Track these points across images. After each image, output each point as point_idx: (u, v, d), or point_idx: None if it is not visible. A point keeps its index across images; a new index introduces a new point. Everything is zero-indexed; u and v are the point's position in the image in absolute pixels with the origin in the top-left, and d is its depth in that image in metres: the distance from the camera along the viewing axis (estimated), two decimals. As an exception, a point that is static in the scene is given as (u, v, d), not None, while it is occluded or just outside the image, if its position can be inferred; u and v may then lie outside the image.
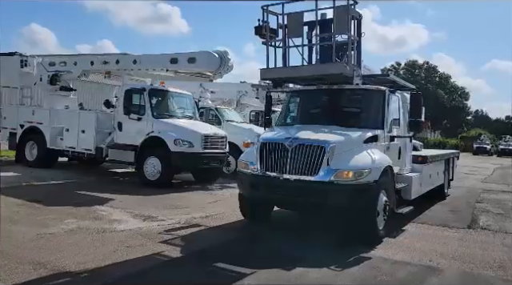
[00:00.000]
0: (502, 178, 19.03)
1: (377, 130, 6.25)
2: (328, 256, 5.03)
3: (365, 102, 6.87)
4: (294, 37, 6.69)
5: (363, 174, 5.46)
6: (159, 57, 10.73)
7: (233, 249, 5.44)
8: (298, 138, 5.68)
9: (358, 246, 5.38)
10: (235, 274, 4.35)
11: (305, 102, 7.27)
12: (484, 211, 8.69)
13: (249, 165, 6.04)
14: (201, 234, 6.01)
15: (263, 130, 8.69)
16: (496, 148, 53.17)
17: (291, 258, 4.86)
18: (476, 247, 5.66)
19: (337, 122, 6.30)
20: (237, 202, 6.78)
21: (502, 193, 12.53)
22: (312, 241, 5.75)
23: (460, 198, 10.63)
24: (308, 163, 5.50)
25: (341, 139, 5.73)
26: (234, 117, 14.06)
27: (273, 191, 5.74)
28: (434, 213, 8.24)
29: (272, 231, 6.41)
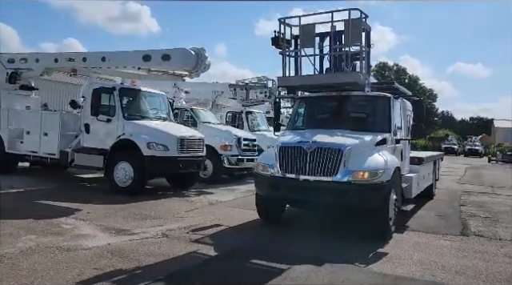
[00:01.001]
0: (475, 178, 19.28)
1: (385, 134, 6.67)
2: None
3: (372, 107, 7.32)
4: (306, 47, 7.24)
5: (378, 174, 5.83)
6: (131, 54, 9.97)
7: (222, 267, 4.86)
8: (316, 141, 6.01)
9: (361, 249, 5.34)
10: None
11: (315, 107, 7.73)
12: (471, 216, 8.47)
13: (267, 167, 6.34)
14: (179, 250, 5.37)
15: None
16: (463, 148, 54.91)
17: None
18: (476, 258, 5.32)
19: (346, 126, 6.68)
20: (216, 210, 7.33)
21: (481, 195, 12.49)
22: (325, 240, 6.03)
23: (443, 202, 10.44)
24: (326, 165, 5.86)
25: (356, 142, 6.11)
26: (210, 118, 13.44)
27: (293, 192, 6.09)
28: (422, 218, 7.93)
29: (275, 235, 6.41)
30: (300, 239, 6.10)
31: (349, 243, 5.93)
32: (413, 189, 7.49)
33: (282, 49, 7.20)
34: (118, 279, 4.21)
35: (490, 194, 12.90)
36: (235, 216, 7.55)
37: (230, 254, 5.33)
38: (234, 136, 12.29)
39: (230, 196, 9.94)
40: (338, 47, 7.11)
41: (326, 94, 7.56)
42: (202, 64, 9.28)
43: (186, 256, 5.10)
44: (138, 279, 4.23)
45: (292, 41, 7.30)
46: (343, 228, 6.96)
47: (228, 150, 12.06)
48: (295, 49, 7.37)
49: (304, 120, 7.68)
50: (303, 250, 5.49)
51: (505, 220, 8.11)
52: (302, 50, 7.32)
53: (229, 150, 12.08)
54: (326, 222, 7.10)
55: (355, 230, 6.49)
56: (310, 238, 6.10)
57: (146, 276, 4.32)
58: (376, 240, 5.88)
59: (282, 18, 7.16)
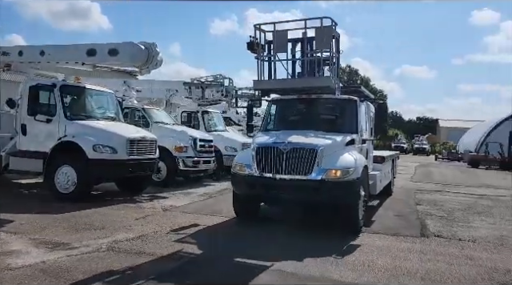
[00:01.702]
0: (425, 176, 19.94)
1: (353, 135, 7.17)
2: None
3: (341, 109, 7.72)
4: (279, 52, 7.58)
5: (349, 172, 6.22)
6: (73, 48, 9.08)
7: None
8: (291, 142, 6.32)
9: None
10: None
11: (287, 109, 8.07)
12: (428, 215, 8.51)
13: (245, 167, 6.60)
14: (126, 265, 4.79)
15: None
16: (411, 147, 57.41)
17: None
18: (440, 262, 5.19)
19: (317, 127, 7.07)
20: (170, 216, 7.09)
21: (433, 193, 12.80)
22: (300, 236, 6.31)
23: (400, 201, 10.51)
24: (301, 164, 6.20)
25: (328, 142, 6.49)
26: (163, 118, 12.75)
27: (270, 190, 6.36)
28: (382, 219, 7.84)
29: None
30: (275, 237, 6.30)
31: (322, 239, 6.23)
32: (377, 186, 8.02)
33: (257, 53, 7.46)
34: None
35: (441, 191, 13.26)
36: (192, 223, 7.03)
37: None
38: (189, 137, 11.72)
39: (185, 200, 9.38)
40: (310, 53, 7.48)
41: (297, 97, 7.82)
42: (153, 60, 8.65)
43: (134, 273, 4.54)
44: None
45: (266, 46, 7.59)
46: (316, 224, 7.38)
47: (183, 152, 11.47)
48: (268, 54, 7.65)
49: (276, 121, 7.95)
50: (280, 247, 5.69)
51: (460, 219, 8.21)
52: (276, 55, 7.66)
53: (184, 151, 11.49)
54: (299, 218, 7.56)
55: (327, 225, 7.07)
56: (283, 235, 6.36)
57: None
58: (348, 234, 6.33)
59: (258, 24, 7.45)
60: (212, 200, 9.62)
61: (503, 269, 4.91)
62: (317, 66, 7.38)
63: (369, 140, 8.07)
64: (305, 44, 7.44)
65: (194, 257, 5.21)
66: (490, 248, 5.92)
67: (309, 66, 7.43)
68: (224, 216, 7.70)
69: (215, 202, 9.26)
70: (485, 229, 7.29)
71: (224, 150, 14.23)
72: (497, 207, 9.98)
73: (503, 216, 8.69)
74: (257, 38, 7.37)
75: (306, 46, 7.44)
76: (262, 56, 7.53)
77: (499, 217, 8.58)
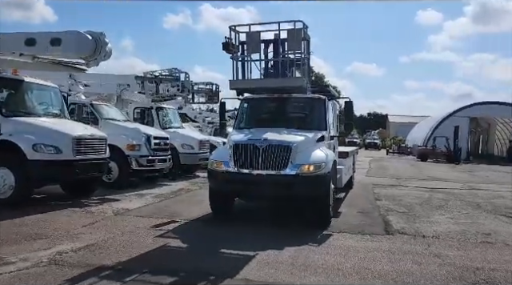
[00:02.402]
0: (380, 170, 20.44)
1: (323, 132, 7.54)
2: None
3: (311, 108, 8.08)
4: (252, 53, 7.86)
5: (321, 167, 6.59)
6: (8, 36, 8.14)
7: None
8: (267, 139, 6.59)
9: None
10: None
11: (260, 108, 8.36)
12: (389, 210, 8.51)
13: (222, 164, 6.78)
14: (71, 282, 4.20)
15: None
16: (363, 142, 59.27)
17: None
18: (409, 261, 5.05)
19: (289, 125, 7.37)
20: (123, 221, 6.64)
21: (390, 187, 13.02)
22: (275, 228, 6.73)
23: (360, 196, 10.53)
24: (277, 160, 6.48)
25: (302, 139, 6.80)
26: (114, 115, 11.91)
27: (247, 185, 6.58)
28: (346, 217, 7.69)
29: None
30: (252, 230, 6.61)
31: (296, 230, 6.66)
32: (342, 179, 8.55)
33: (232, 54, 7.67)
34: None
35: (397, 186, 13.54)
36: (147, 228, 6.47)
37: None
38: (142, 134, 11.01)
39: (139, 203, 8.74)
40: (282, 54, 7.77)
41: (269, 96, 8.06)
42: (102, 51, 7.93)
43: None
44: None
45: (239, 46, 7.80)
46: (288, 217, 7.75)
47: (136, 151, 10.76)
48: (242, 54, 7.89)
49: (249, 119, 8.13)
50: (259, 238, 5.94)
51: (420, 214, 8.26)
52: (250, 56, 7.95)
53: (137, 150, 10.78)
54: (272, 212, 8.13)
55: (300, 217, 7.39)
56: (260, 227, 6.76)
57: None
58: (320, 225, 6.73)
59: (233, 25, 7.66)
60: (168, 202, 9.05)
61: (472, 267, 4.84)
62: (288, 66, 7.76)
63: (336, 137, 8.63)
64: (277, 45, 7.73)
65: (153, 269, 4.70)
66: (454, 245, 5.90)
67: (281, 66, 7.75)
68: (184, 219, 7.20)
69: (172, 204, 8.71)
70: (445, 223, 7.35)
71: (180, 147, 13.62)
72: (451, 201, 10.23)
73: (459, 210, 8.88)
74: (232, 39, 7.55)
75: (278, 47, 7.74)
76: (237, 56, 7.77)
77: (456, 211, 8.75)
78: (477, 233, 6.66)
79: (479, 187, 13.78)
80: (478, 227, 7.09)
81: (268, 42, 7.87)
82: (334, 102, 8.93)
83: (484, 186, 14.03)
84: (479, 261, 5.15)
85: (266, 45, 7.88)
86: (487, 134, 46.75)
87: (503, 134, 42.16)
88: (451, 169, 24.06)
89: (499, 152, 43.44)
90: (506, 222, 7.73)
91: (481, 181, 16.50)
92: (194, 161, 14.01)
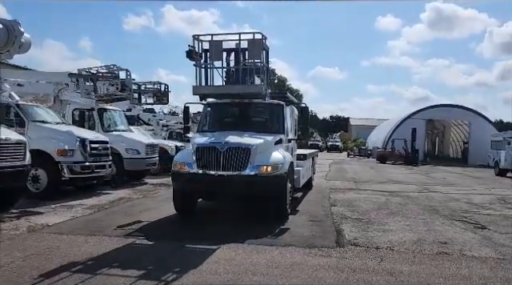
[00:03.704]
0: (339, 173, 20.15)
1: (281, 135, 7.97)
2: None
3: (270, 113, 8.57)
4: (215, 60, 8.28)
5: (278, 168, 7.00)
6: None
7: None
8: (228, 142, 6.94)
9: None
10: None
11: (222, 112, 8.80)
12: (343, 218, 7.93)
13: (185, 165, 7.07)
14: None
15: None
16: (325, 144, 59.69)
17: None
18: (358, 282, 4.40)
19: (249, 128, 7.77)
20: (34, 241, 5.74)
21: (347, 191, 12.56)
22: (236, 224, 7.18)
23: (314, 202, 9.94)
24: (237, 162, 6.85)
25: (260, 142, 7.17)
26: (46, 117, 10.66)
27: (209, 186, 6.89)
28: (297, 227, 7.01)
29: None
30: (215, 226, 7.06)
31: (254, 225, 7.05)
32: (300, 180, 9.08)
33: (195, 61, 8.03)
34: None
35: (355, 189, 13.12)
36: (59, 249, 5.46)
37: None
38: (76, 138, 9.86)
39: (64, 216, 7.65)
40: (243, 62, 8.17)
41: (231, 101, 8.45)
42: (16, 42, 6.77)
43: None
44: None
45: (203, 54, 8.13)
46: (246, 214, 8.25)
47: (68, 156, 9.60)
48: (205, 62, 8.22)
49: (212, 123, 8.52)
50: (221, 233, 6.34)
51: (375, 220, 7.75)
52: (212, 63, 8.29)
53: (69, 155, 9.62)
54: (233, 210, 8.51)
55: (258, 214, 7.81)
56: (222, 223, 7.19)
57: None
58: (277, 221, 7.14)
59: (196, 35, 8.02)
60: (100, 214, 8.02)
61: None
62: (249, 74, 8.16)
63: (293, 140, 9.07)
64: (238, 54, 8.15)
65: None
66: (409, 257, 5.33)
67: (241, 74, 8.14)
68: (108, 235, 6.22)
69: (103, 217, 7.69)
70: (401, 232, 6.83)
71: (125, 152, 12.54)
72: (408, 205, 9.86)
73: (416, 215, 8.46)
74: (195, 47, 7.91)
75: (239, 55, 8.15)
76: (200, 64, 8.12)
77: (412, 216, 8.31)
78: (433, 242, 6.16)
79: (435, 189, 13.63)
80: (435, 235, 6.62)
81: (230, 51, 8.28)
82: (293, 108, 9.40)
83: (440, 189, 13.91)
84: (436, 277, 4.59)
85: (227, 53, 8.30)
86: (443, 136, 48.32)
87: (458, 136, 43.63)
88: (409, 171, 24.26)
89: (454, 153, 44.94)
90: (461, 228, 7.34)
91: (437, 183, 16.49)
92: (140, 166, 12.97)
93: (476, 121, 36.33)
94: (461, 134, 42.22)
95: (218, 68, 8.33)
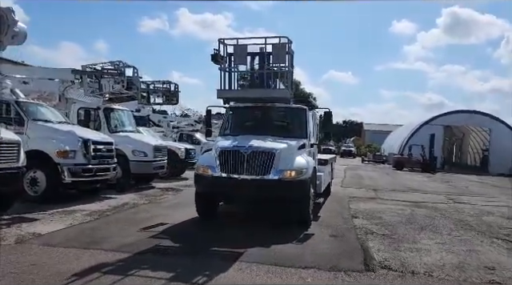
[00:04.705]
0: (355, 180, 19.21)
1: (304, 140, 7.89)
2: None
3: (293, 117, 8.52)
4: (239, 64, 8.39)
5: (302, 173, 6.96)
6: None
7: None
8: (252, 146, 6.91)
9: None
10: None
11: (245, 116, 8.79)
12: (368, 233, 7.08)
13: (209, 169, 7.07)
14: None
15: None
16: (338, 149, 58.53)
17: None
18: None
19: (272, 133, 7.69)
20: (20, 254, 5.10)
21: (368, 201, 11.68)
22: (260, 228, 7.16)
23: (334, 213, 9.10)
24: (260, 166, 6.78)
25: (284, 146, 7.10)
26: (49, 115, 10.03)
27: (232, 189, 6.86)
28: (317, 244, 6.20)
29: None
30: (237, 230, 6.97)
31: (278, 230, 7.02)
32: (322, 185, 8.87)
33: (220, 65, 8.08)
34: None
35: (375, 199, 12.23)
36: (44, 267, 4.74)
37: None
38: (78, 138, 9.20)
39: (60, 224, 6.96)
40: (267, 66, 8.18)
41: (254, 105, 8.48)
42: (9, 31, 6.21)
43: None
44: None
45: (227, 58, 8.16)
46: (270, 219, 8.04)
47: (69, 158, 8.93)
48: (229, 65, 8.27)
49: (234, 127, 8.46)
50: (246, 237, 6.31)
51: (404, 237, 6.88)
52: (236, 67, 8.42)
53: (70, 157, 8.95)
54: (255, 215, 8.46)
55: (281, 219, 7.84)
56: (246, 228, 7.18)
57: None
58: (299, 226, 7.07)
59: (222, 39, 8.06)
60: (100, 222, 7.32)
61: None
62: (272, 78, 8.26)
63: (315, 144, 8.88)
64: (263, 58, 8.14)
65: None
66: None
67: (265, 77, 8.17)
68: (104, 250, 5.49)
69: (102, 226, 6.98)
70: (437, 252, 5.96)
71: (131, 154, 11.85)
72: (437, 219, 8.95)
73: (449, 231, 7.56)
74: (220, 51, 7.93)
75: (264, 59, 8.15)
76: (225, 67, 8.14)
77: (445, 233, 7.42)
78: (478, 267, 5.28)
79: (462, 200, 12.66)
80: (478, 258, 5.74)
81: (254, 55, 8.28)
82: (314, 112, 9.29)
83: (467, 200, 12.93)
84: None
85: (252, 57, 8.32)
86: (461, 142, 46.79)
87: (476, 144, 42.14)
88: (427, 178, 23.18)
89: (472, 161, 43.42)
90: (506, 248, 6.43)
91: (461, 192, 15.47)
92: (147, 170, 12.25)
93: (497, 128, 34.90)
94: (479, 141, 40.73)
95: (242, 72, 8.53)
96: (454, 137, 47.73)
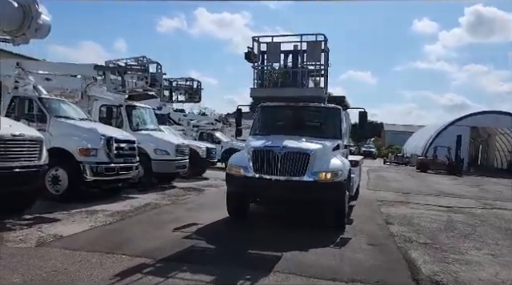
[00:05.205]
0: (380, 182, 18.59)
1: (338, 140, 7.67)
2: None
3: (326, 117, 8.28)
4: (272, 62, 8.38)
5: (338, 174, 6.74)
6: None
7: None
8: (286, 146, 6.70)
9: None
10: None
11: (277, 115, 8.60)
12: (407, 241, 6.56)
13: (241, 169, 6.90)
14: None
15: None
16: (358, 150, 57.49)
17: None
18: None
19: (304, 133, 7.49)
20: (39, 259, 4.71)
21: (398, 204, 11.11)
22: (295, 231, 6.87)
23: (366, 217, 8.59)
24: (295, 167, 6.59)
25: (319, 147, 6.89)
26: (71, 112, 9.82)
27: (266, 190, 6.77)
28: (354, 251, 5.73)
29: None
30: (269, 231, 6.80)
31: (312, 232, 6.88)
32: (354, 187, 8.68)
33: (253, 63, 8.09)
34: None
35: (406, 203, 11.63)
36: (66, 274, 4.41)
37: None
38: (100, 136, 8.93)
39: (82, 225, 6.66)
40: (301, 64, 8.10)
41: (286, 104, 8.27)
42: (32, 23, 5.93)
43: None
44: None
45: (260, 56, 8.11)
46: (303, 221, 7.84)
47: (91, 156, 8.66)
48: (262, 63, 8.23)
49: (266, 126, 8.22)
50: (282, 240, 6.11)
51: (449, 247, 6.34)
52: (270, 65, 8.49)
53: (93, 155, 8.69)
54: (286, 215, 8.17)
55: (315, 221, 7.72)
56: (278, 229, 6.94)
57: None
58: (336, 228, 6.94)
59: (256, 37, 8.09)
60: (123, 224, 7.00)
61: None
62: (307, 76, 8.18)
63: (348, 145, 8.83)
64: (297, 56, 8.05)
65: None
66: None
67: (299, 76, 8.07)
68: (128, 255, 5.15)
69: (126, 228, 6.66)
70: (490, 265, 5.41)
71: (153, 153, 11.57)
72: (478, 226, 8.33)
73: (496, 241, 6.97)
74: (253, 49, 7.87)
75: (297, 57, 8.06)
76: (258, 65, 8.12)
77: (492, 242, 6.83)
78: (542, 284, 4.72)
79: (499, 206, 11.94)
80: (538, 273, 5.16)
81: (288, 53, 8.16)
82: (347, 112, 9.12)
83: (503, 205, 12.19)
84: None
85: (285, 55, 8.19)
86: (487, 144, 45.29)
87: (503, 146, 40.66)
88: (455, 181, 22.29)
89: (498, 164, 41.93)
90: None
91: (496, 197, 14.67)
92: (170, 169, 11.97)
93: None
94: (506, 143, 39.28)
95: (275, 70, 8.45)
96: (480, 138, 46.23)
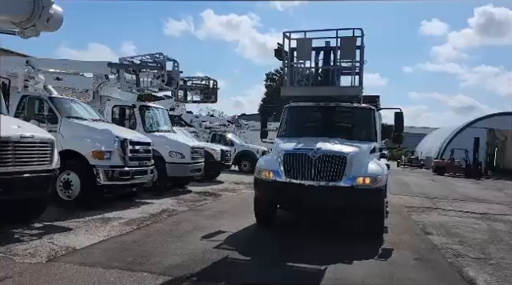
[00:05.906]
0: (401, 186, 17.83)
1: (374, 143, 7.25)
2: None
3: (359, 118, 7.82)
4: (302, 60, 7.93)
5: (377, 180, 6.34)
6: None
7: None
8: (321, 149, 6.29)
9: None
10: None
11: (306, 116, 8.20)
12: (457, 256, 5.90)
13: (271, 173, 6.53)
14: None
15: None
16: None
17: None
18: None
19: (336, 135, 7.07)
20: (48, 277, 4.20)
21: (428, 211, 10.45)
22: (334, 241, 6.48)
23: (399, 227, 7.94)
24: (331, 171, 6.18)
25: (356, 150, 6.52)
26: (83, 113, 9.28)
27: (300, 196, 6.29)
28: (401, 267, 5.09)
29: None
30: (306, 241, 6.38)
31: (350, 240, 6.47)
32: (387, 192, 7.99)
33: (283, 60, 7.73)
34: None
35: (436, 209, 10.96)
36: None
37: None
38: (115, 138, 8.37)
39: (96, 235, 6.08)
40: (335, 62, 7.64)
41: (316, 105, 7.72)
42: (44, 13, 5.36)
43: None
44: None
45: (289, 53, 7.61)
46: (333, 227, 7.37)
47: (105, 159, 8.09)
48: (292, 61, 7.75)
49: (295, 128, 7.83)
50: (319, 249, 5.81)
51: (503, 261, 5.66)
52: (303, 63, 7.97)
53: (106, 158, 8.10)
54: (318, 222, 7.54)
55: (346, 227, 7.19)
56: (319, 240, 6.49)
57: None
58: (376, 236, 6.56)
59: (287, 32, 7.55)
60: (140, 233, 6.41)
61: None
62: (340, 74, 7.69)
63: (383, 148, 8.50)
64: (329, 53, 7.64)
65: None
66: None
67: (333, 74, 7.61)
68: (150, 272, 4.56)
69: (144, 239, 6.06)
70: (561, 286, 4.73)
71: (168, 155, 11.00)
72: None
73: (553, 254, 6.26)
74: (283, 46, 7.44)
75: (329, 54, 7.65)
76: (289, 63, 7.70)
77: (550, 256, 6.13)
78: None
79: (535, 213, 11.17)
80: None
81: (319, 49, 7.77)
82: (380, 113, 8.55)
83: (540, 211, 11.41)
84: None
85: (317, 52, 7.82)
86: (503, 147, 44.13)
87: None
88: (477, 185, 21.48)
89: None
90: None
91: (527, 203, 13.87)
92: (185, 172, 11.38)
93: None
94: (525, 145, 38.16)
95: (307, 68, 8.01)
96: (496, 141, 45.09)
